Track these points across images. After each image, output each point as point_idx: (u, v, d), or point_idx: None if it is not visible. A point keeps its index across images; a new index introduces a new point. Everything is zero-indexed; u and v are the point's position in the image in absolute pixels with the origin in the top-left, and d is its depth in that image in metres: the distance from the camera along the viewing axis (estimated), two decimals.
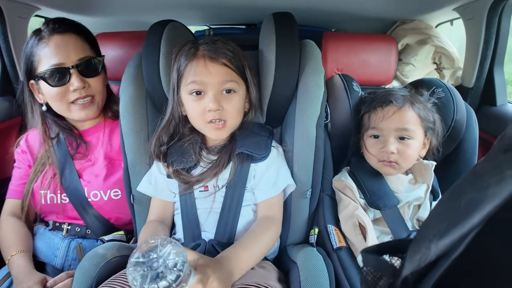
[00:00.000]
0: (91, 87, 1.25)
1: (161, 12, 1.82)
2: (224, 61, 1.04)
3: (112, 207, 1.28)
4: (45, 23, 1.23)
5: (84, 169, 1.31)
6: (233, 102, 1.07)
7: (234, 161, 1.09)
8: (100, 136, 1.35)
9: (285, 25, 1.14)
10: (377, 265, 0.40)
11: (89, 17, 1.94)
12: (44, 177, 1.30)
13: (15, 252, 1.20)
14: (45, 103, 1.27)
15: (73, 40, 1.22)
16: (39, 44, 1.19)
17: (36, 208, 1.31)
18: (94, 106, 1.28)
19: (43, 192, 1.28)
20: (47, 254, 1.27)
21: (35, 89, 1.26)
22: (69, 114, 1.27)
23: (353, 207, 1.15)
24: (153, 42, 1.16)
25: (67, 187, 1.27)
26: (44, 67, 1.19)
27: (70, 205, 1.28)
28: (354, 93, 1.31)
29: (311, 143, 1.15)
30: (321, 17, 2.00)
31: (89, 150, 1.33)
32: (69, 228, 1.29)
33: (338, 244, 1.10)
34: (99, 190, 1.27)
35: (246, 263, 0.95)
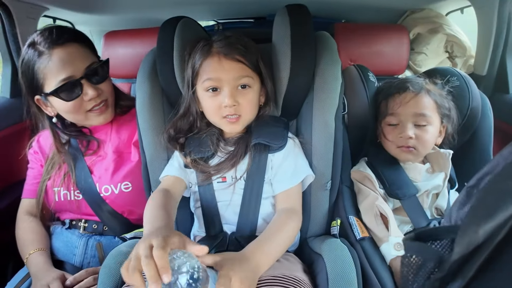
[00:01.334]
0: (103, 92, 1.26)
1: (170, 9, 1.83)
2: (238, 57, 1.05)
3: (123, 201, 1.29)
4: (40, 34, 1.19)
5: (94, 164, 1.32)
6: (248, 97, 1.08)
7: (251, 151, 1.10)
8: (108, 131, 1.36)
9: (299, 17, 1.14)
10: (421, 251, 0.41)
11: (98, 15, 1.95)
12: (56, 174, 1.31)
13: (33, 250, 1.22)
14: (55, 115, 1.28)
15: (76, 50, 1.21)
16: (41, 60, 1.17)
17: (51, 206, 1.32)
18: (109, 109, 1.30)
19: (57, 189, 1.30)
20: (65, 253, 1.28)
21: (42, 103, 1.25)
22: (87, 122, 1.29)
23: (373, 197, 1.15)
24: (166, 39, 1.16)
25: (79, 184, 1.29)
26: (52, 83, 1.18)
27: (83, 201, 1.29)
28: (370, 84, 1.32)
29: (330, 135, 1.15)
30: (330, 8, 2.00)
31: (100, 146, 1.34)
32: (86, 226, 1.30)
33: (361, 235, 1.10)
34: (109, 184, 1.28)
35: (271, 256, 0.95)
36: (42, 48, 1.16)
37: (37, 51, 1.17)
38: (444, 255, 0.38)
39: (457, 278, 0.37)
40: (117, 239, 1.28)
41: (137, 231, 1.20)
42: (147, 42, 1.73)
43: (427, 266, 0.40)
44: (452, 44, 1.97)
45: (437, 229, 0.44)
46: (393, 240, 1.04)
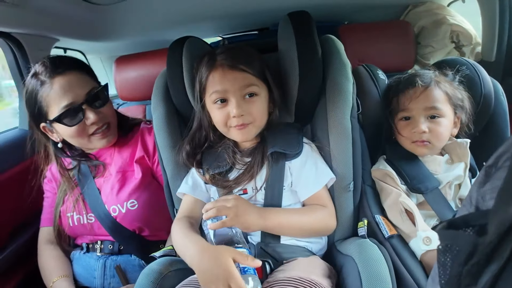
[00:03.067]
0: (105, 115, 1.30)
1: (175, 29, 1.89)
2: (242, 67, 1.07)
3: (132, 218, 1.31)
4: (41, 64, 1.25)
5: (101, 186, 1.35)
6: (256, 105, 1.10)
7: (268, 161, 1.12)
8: (111, 153, 1.39)
9: (302, 23, 1.16)
10: (455, 238, 0.42)
11: (107, 43, 2.00)
12: (68, 200, 1.35)
13: (57, 278, 1.26)
14: (61, 140, 1.32)
15: (75, 77, 1.25)
16: (43, 89, 1.21)
17: (66, 231, 1.35)
18: (111, 131, 1.34)
19: (70, 214, 1.33)
20: (86, 277, 1.31)
21: (47, 130, 1.29)
22: (91, 145, 1.32)
23: (396, 194, 1.15)
24: (175, 60, 1.20)
25: (92, 206, 1.32)
26: (55, 110, 1.22)
27: (96, 223, 1.31)
28: (381, 81, 1.33)
29: (348, 136, 1.16)
30: (332, 12, 2.01)
31: (105, 168, 1.37)
32: (102, 247, 1.33)
33: (389, 233, 1.10)
34: (116, 204, 1.30)
35: (283, 223, 1.06)
36: (44, 77, 1.21)
37: (39, 81, 1.22)
38: (479, 240, 0.39)
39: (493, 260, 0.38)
40: (133, 257, 1.31)
41: (166, 249, 1.21)
42: (157, 63, 1.77)
43: (463, 252, 0.41)
44: (457, 34, 1.96)
45: (469, 216, 0.45)
46: (421, 235, 1.03)
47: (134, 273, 1.28)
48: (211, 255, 0.88)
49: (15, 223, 1.48)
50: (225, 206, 0.97)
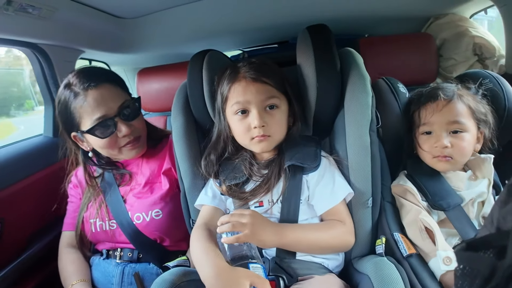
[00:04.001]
0: (136, 128, 1.31)
1: (197, 43, 1.91)
2: (264, 79, 1.08)
3: (155, 227, 1.31)
4: (75, 76, 1.27)
5: (127, 194, 1.36)
6: (277, 117, 1.10)
7: (285, 174, 1.10)
8: (139, 163, 1.41)
9: (321, 36, 1.16)
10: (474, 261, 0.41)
11: (131, 55, 2.04)
12: (92, 206, 1.36)
13: (75, 281, 1.27)
14: (91, 149, 1.34)
15: (108, 90, 1.26)
16: (76, 101, 1.23)
17: (88, 237, 1.37)
18: (141, 143, 1.35)
19: (92, 220, 1.35)
20: (104, 283, 1.31)
21: (78, 139, 1.32)
22: (121, 156, 1.34)
23: (416, 211, 1.11)
24: (195, 72, 1.21)
25: (114, 213, 1.33)
26: (88, 122, 1.24)
27: (118, 230, 1.32)
28: (402, 95, 1.30)
29: (367, 150, 1.13)
30: (353, 24, 2.00)
31: (132, 177, 1.39)
32: (121, 254, 1.34)
33: (407, 252, 1.06)
34: (141, 212, 1.31)
35: (300, 239, 1.03)
36: (78, 89, 1.23)
37: (72, 92, 1.24)
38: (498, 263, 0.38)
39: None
40: (152, 265, 1.31)
41: (180, 259, 1.21)
42: (178, 76, 1.79)
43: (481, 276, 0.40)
44: (480, 46, 1.91)
45: (489, 237, 0.43)
46: (441, 254, 0.99)
47: (151, 282, 1.24)
48: (228, 279, 0.87)
49: (36, 226, 1.51)
50: (240, 222, 0.95)
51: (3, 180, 1.38)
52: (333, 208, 1.10)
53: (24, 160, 1.52)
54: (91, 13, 1.55)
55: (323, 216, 1.12)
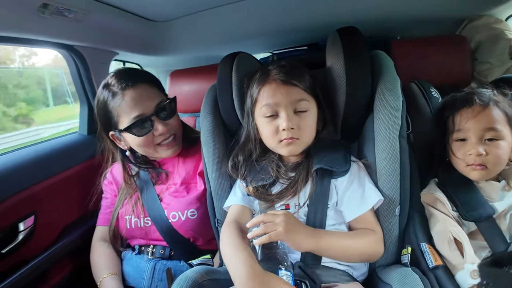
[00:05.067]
0: (172, 127, 1.33)
1: (227, 45, 1.92)
2: (294, 81, 1.06)
3: (189, 226, 1.32)
4: (113, 76, 1.29)
5: (163, 193, 1.37)
6: (306, 121, 1.07)
7: (313, 177, 1.07)
8: (175, 163, 1.42)
9: (351, 39, 1.11)
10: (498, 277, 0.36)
11: (163, 57, 2.08)
12: (128, 203, 1.38)
13: (107, 275, 1.29)
14: (128, 148, 1.36)
15: (145, 90, 1.28)
16: (114, 100, 1.26)
17: (122, 233, 1.38)
18: (177, 142, 1.36)
19: (128, 217, 1.36)
20: (135, 277, 1.32)
21: (116, 138, 1.34)
22: (157, 154, 1.36)
23: (445, 221, 1.06)
24: (225, 74, 1.20)
25: (149, 211, 1.34)
26: (125, 120, 1.26)
27: (152, 227, 1.33)
28: (434, 99, 1.24)
29: (395, 156, 1.08)
30: (384, 26, 1.93)
31: (168, 177, 1.40)
32: (153, 251, 1.34)
33: (434, 263, 1.00)
34: (177, 211, 1.31)
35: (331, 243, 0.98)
36: (116, 89, 1.26)
37: (111, 92, 1.26)
38: None
39: None
40: (182, 263, 1.31)
41: (203, 257, 1.21)
42: (209, 78, 1.78)
43: None
44: None
45: None
46: (469, 268, 0.93)
47: None
48: (261, 283, 0.84)
49: (69, 219, 1.55)
50: (274, 223, 0.92)
51: (38, 174, 1.42)
52: (363, 215, 1.05)
53: (59, 156, 1.57)
54: (125, 16, 1.56)
55: (351, 223, 1.07)
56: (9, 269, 1.26)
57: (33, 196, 1.36)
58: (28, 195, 1.34)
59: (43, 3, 1.19)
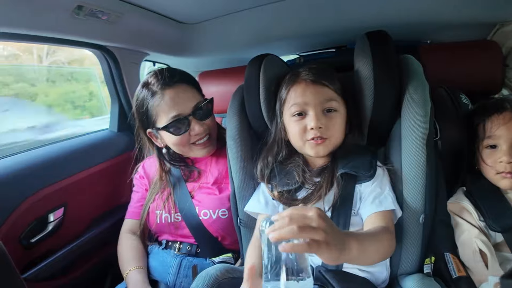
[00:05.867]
0: (208, 127, 1.34)
1: (254, 47, 1.90)
2: (324, 81, 1.04)
3: (219, 225, 1.31)
4: (153, 75, 1.31)
5: (195, 190, 1.37)
6: (335, 121, 1.04)
7: (338, 182, 1.04)
8: (207, 162, 1.42)
9: (380, 43, 1.08)
10: None
11: (192, 58, 2.09)
12: (159, 198, 1.39)
13: (133, 268, 1.29)
14: (164, 146, 1.37)
15: (183, 90, 1.30)
16: (153, 99, 1.27)
17: (152, 227, 1.39)
18: (212, 142, 1.37)
19: (158, 212, 1.37)
20: (161, 272, 1.32)
21: (153, 136, 1.36)
22: (192, 153, 1.37)
23: (471, 231, 1.02)
24: (253, 76, 1.19)
25: (180, 207, 1.34)
26: (163, 119, 1.27)
27: (182, 223, 1.34)
28: (463, 106, 1.20)
29: (422, 163, 1.03)
30: (413, 30, 1.87)
31: (200, 175, 1.40)
32: (180, 247, 1.35)
33: (457, 274, 0.98)
34: (209, 209, 1.31)
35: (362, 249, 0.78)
36: (155, 88, 1.27)
37: (150, 91, 1.28)
38: None
39: None
40: (208, 261, 1.30)
41: (225, 256, 1.23)
42: (236, 80, 1.79)
43: None
44: None
45: None
46: (493, 280, 0.90)
47: None
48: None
49: (98, 211, 1.59)
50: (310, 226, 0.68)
51: (70, 168, 1.46)
52: (378, 213, 0.99)
53: (90, 151, 1.61)
54: (155, 18, 1.58)
55: (366, 220, 1.01)
56: (36, 258, 1.30)
57: (64, 189, 1.40)
58: (59, 187, 1.38)
59: (78, 5, 1.22)
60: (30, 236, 1.29)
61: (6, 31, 1.19)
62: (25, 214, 1.25)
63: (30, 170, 1.32)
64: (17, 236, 1.24)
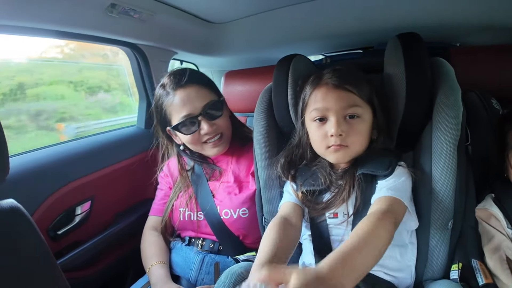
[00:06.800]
0: (218, 127, 1.33)
1: (280, 48, 1.89)
2: (346, 86, 0.99)
3: (240, 225, 1.31)
4: (168, 76, 1.33)
5: (216, 189, 1.38)
6: (357, 127, 1.00)
7: (358, 184, 1.00)
8: (228, 161, 1.42)
9: (412, 45, 1.05)
10: None
11: (218, 58, 2.10)
12: (183, 196, 1.40)
13: (156, 263, 1.31)
14: (182, 143, 1.39)
15: (194, 90, 1.30)
16: (167, 99, 1.30)
17: (175, 224, 1.41)
18: (223, 141, 1.36)
19: (182, 209, 1.38)
20: (183, 267, 1.34)
21: (172, 133, 1.38)
22: (204, 151, 1.38)
23: (499, 239, 0.99)
24: (281, 75, 1.18)
25: (202, 206, 1.35)
26: (176, 119, 1.30)
27: (204, 221, 1.34)
28: (494, 111, 1.16)
29: (452, 168, 1.01)
30: (443, 32, 1.82)
31: (221, 174, 1.40)
32: (203, 244, 1.35)
33: (484, 281, 0.94)
34: (229, 209, 1.32)
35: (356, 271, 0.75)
36: (168, 89, 1.30)
37: (165, 91, 1.31)
38: None
39: None
40: (230, 259, 1.31)
41: (249, 254, 1.21)
42: (261, 80, 1.79)
43: None
44: None
45: None
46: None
47: None
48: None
49: (123, 206, 1.62)
50: None
51: (98, 163, 1.49)
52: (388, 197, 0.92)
53: (117, 147, 1.64)
54: (185, 17, 1.60)
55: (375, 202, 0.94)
56: (63, 250, 1.33)
57: (92, 183, 1.43)
58: (87, 181, 1.41)
59: (111, 3, 1.24)
60: (58, 227, 1.32)
61: (40, 27, 1.22)
62: (54, 206, 1.28)
63: (61, 163, 1.36)
64: (45, 227, 1.27)
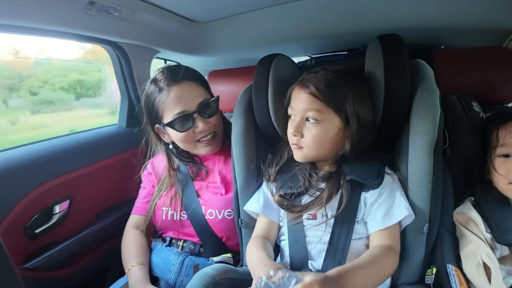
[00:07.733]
0: (212, 125, 1.32)
1: (265, 48, 1.87)
2: (312, 89, 0.99)
3: (224, 226, 1.29)
4: (161, 72, 1.31)
5: (202, 189, 1.35)
6: (313, 132, 0.99)
7: (343, 189, 0.99)
8: (216, 161, 1.40)
9: (392, 46, 1.03)
10: None
11: (202, 57, 2.07)
12: (166, 195, 1.37)
13: (135, 264, 1.28)
14: (171, 142, 1.37)
15: (190, 87, 1.29)
16: (160, 95, 1.28)
17: (157, 224, 1.38)
18: (216, 140, 1.36)
19: (165, 209, 1.35)
20: (162, 269, 1.31)
21: (160, 132, 1.35)
22: (196, 150, 1.36)
23: (476, 243, 0.97)
24: (262, 75, 1.16)
25: (186, 205, 1.32)
26: (169, 116, 1.27)
27: (187, 221, 1.32)
28: (474, 114, 1.14)
29: (428, 171, 0.99)
30: (428, 35, 1.81)
31: (208, 174, 1.38)
32: (184, 245, 1.33)
33: (458, 287, 0.93)
34: (214, 209, 1.29)
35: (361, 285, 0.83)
36: (162, 84, 1.28)
37: (158, 87, 1.29)
38: None
39: None
40: (210, 261, 1.28)
41: (224, 256, 1.22)
42: (245, 80, 1.74)
43: None
44: None
45: None
46: None
47: None
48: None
49: (104, 205, 1.59)
50: None
51: (77, 161, 1.46)
52: (387, 229, 0.96)
53: (98, 146, 1.61)
54: (168, 16, 1.57)
55: (372, 236, 0.98)
56: (41, 249, 1.31)
57: (70, 182, 1.40)
58: (65, 180, 1.38)
59: (90, 1, 1.21)
60: (35, 226, 1.29)
61: (18, 24, 1.18)
62: (30, 205, 1.26)
63: (37, 162, 1.33)
64: (21, 226, 1.24)
